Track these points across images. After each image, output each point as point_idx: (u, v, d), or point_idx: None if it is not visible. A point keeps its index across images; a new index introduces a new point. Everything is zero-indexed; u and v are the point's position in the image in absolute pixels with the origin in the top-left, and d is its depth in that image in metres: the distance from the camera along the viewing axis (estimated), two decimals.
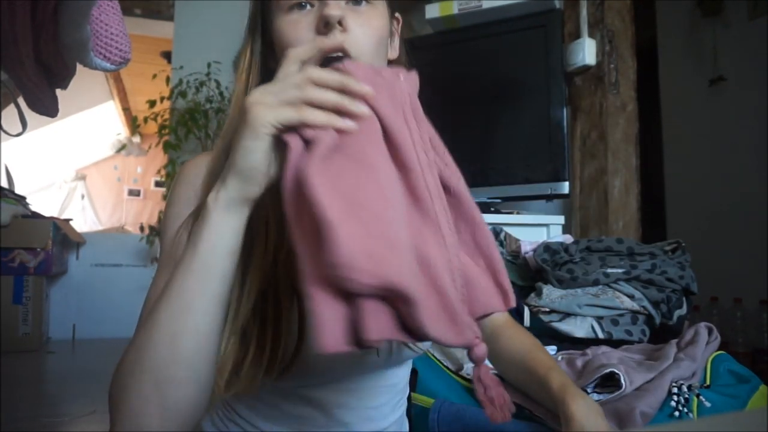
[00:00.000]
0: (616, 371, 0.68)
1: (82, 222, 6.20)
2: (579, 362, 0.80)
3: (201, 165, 0.60)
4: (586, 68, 1.88)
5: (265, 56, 0.62)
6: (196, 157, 0.63)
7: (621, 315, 1.04)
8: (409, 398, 0.83)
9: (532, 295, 1.13)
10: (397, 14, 0.68)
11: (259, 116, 0.43)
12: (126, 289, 3.58)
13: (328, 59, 0.52)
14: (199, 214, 0.50)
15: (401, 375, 0.70)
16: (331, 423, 0.63)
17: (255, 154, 0.44)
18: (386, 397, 0.67)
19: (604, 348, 0.88)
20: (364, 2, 0.59)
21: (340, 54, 0.53)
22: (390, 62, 0.65)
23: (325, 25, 0.55)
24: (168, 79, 3.36)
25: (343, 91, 0.44)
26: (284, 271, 0.55)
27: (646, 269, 1.08)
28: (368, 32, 0.58)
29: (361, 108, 0.44)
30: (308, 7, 0.58)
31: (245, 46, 0.63)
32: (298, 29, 0.57)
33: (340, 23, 0.55)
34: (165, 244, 0.58)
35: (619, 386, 0.67)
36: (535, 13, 1.77)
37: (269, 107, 0.43)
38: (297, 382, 0.61)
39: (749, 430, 0.35)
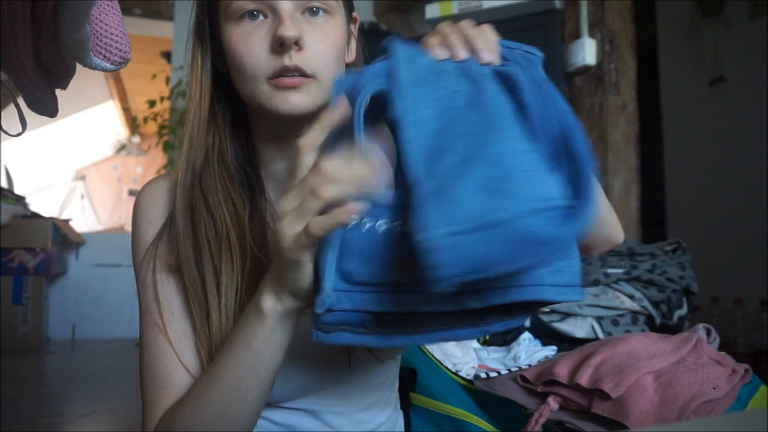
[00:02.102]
0: None
1: (82, 222, 6.19)
2: None
3: (160, 187, 0.62)
4: (587, 68, 1.88)
5: (214, 60, 0.61)
6: (153, 180, 0.64)
7: (621, 315, 1.04)
8: (408, 398, 0.83)
9: None
10: (354, 14, 0.65)
11: (291, 250, 0.43)
12: (126, 289, 3.58)
13: (284, 75, 0.53)
14: (161, 235, 0.57)
15: (390, 370, 0.68)
16: (321, 428, 0.62)
17: (304, 280, 0.45)
18: (375, 396, 0.66)
19: None
20: (321, 12, 0.56)
21: (295, 73, 0.53)
22: (347, 66, 0.63)
23: (280, 45, 0.53)
24: (168, 79, 3.36)
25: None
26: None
27: (646, 269, 1.08)
28: (326, 47, 0.56)
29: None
30: (261, 17, 0.55)
31: (194, 54, 0.61)
32: (249, 42, 0.54)
33: (296, 43, 0.53)
34: (141, 276, 0.60)
35: None
36: (535, 13, 1.77)
37: (296, 241, 0.42)
38: (280, 397, 0.60)
39: (749, 430, 0.35)
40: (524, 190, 0.35)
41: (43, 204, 5.20)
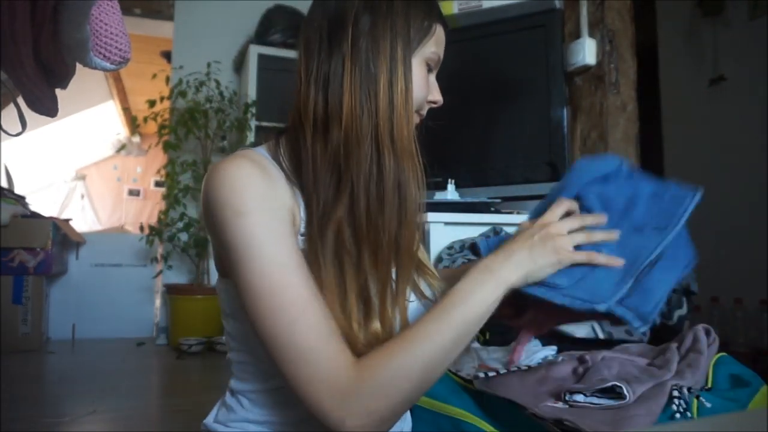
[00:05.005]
0: (619, 384, 0.68)
1: (82, 222, 6.19)
2: (580, 370, 0.80)
3: (258, 166, 0.57)
4: (586, 68, 1.88)
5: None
6: (239, 159, 0.57)
7: None
8: None
9: None
10: None
11: (564, 251, 0.61)
12: (126, 289, 3.58)
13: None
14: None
15: None
16: None
17: (546, 271, 0.60)
18: None
19: (604, 352, 0.87)
20: None
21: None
22: None
23: (433, 102, 0.72)
24: (168, 79, 3.36)
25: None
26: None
27: None
28: None
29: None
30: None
31: (400, 56, 0.62)
32: (423, 84, 0.67)
33: None
34: (270, 235, 0.55)
35: (622, 396, 0.67)
36: (535, 13, 1.77)
37: (568, 251, 0.61)
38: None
39: (749, 430, 0.35)
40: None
41: (43, 204, 5.20)
